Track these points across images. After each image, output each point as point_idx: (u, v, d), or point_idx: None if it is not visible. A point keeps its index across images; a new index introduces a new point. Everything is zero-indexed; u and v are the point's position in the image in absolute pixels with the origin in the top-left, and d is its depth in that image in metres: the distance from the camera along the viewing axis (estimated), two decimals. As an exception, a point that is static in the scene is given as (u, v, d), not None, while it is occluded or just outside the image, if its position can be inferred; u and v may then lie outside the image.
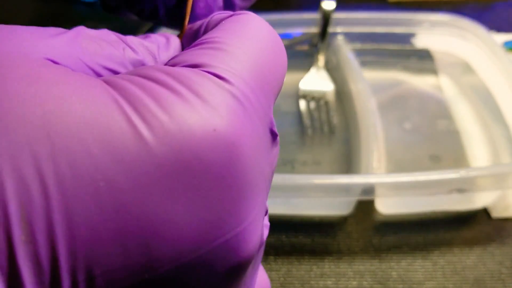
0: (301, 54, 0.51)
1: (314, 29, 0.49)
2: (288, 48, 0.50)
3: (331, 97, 0.46)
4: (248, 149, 0.14)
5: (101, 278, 0.12)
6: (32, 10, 0.58)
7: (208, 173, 0.13)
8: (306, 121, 0.44)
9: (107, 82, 0.13)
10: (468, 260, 0.36)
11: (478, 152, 0.42)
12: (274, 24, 0.48)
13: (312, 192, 0.33)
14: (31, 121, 0.11)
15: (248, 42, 0.15)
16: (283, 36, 0.49)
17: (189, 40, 0.19)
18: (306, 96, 0.46)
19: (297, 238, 0.38)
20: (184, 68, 0.14)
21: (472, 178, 0.33)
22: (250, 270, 0.16)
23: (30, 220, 0.11)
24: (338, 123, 0.45)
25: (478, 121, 0.45)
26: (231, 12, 0.17)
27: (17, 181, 0.11)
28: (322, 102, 0.46)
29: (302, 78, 0.48)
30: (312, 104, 0.46)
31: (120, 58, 0.15)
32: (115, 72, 0.15)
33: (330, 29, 0.48)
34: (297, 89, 0.47)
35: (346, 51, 0.48)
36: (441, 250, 0.37)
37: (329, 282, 0.35)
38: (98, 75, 0.15)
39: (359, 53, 0.50)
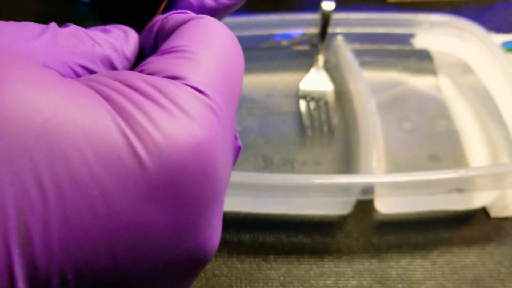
0: (301, 55, 0.51)
1: (314, 30, 0.49)
2: (288, 48, 0.51)
3: (330, 97, 0.46)
4: (221, 159, 0.15)
5: (89, 278, 0.13)
6: (32, 10, 0.58)
7: (191, 184, 0.14)
8: (306, 121, 0.44)
9: (93, 88, 0.14)
10: (467, 260, 0.37)
11: (477, 152, 0.43)
12: (274, 24, 0.48)
13: (312, 192, 0.34)
14: (31, 127, 0.12)
15: (215, 50, 0.16)
16: (283, 37, 0.50)
17: (146, 34, 0.19)
18: (306, 96, 0.47)
19: (297, 237, 0.38)
20: (165, 79, 0.15)
21: (471, 178, 0.33)
22: None
23: (28, 224, 0.11)
24: (338, 123, 0.45)
25: (477, 121, 0.45)
26: (189, 15, 0.18)
27: (16, 186, 0.11)
28: (322, 103, 0.46)
29: (302, 78, 0.48)
30: (312, 104, 0.46)
31: (91, 55, 0.16)
32: (89, 70, 0.16)
33: (330, 30, 0.48)
34: (297, 89, 0.48)
35: (345, 51, 0.49)
36: (440, 250, 0.37)
37: (329, 282, 0.35)
38: (76, 73, 0.15)
39: (358, 53, 0.50)
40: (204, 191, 0.14)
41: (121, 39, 0.18)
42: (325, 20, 0.47)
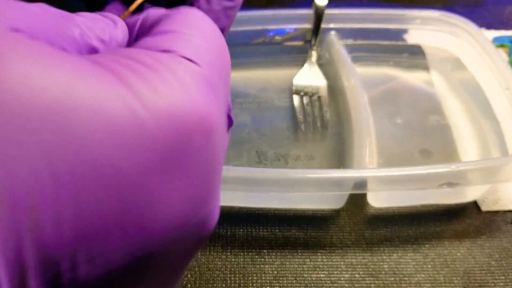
0: (294, 50, 0.51)
1: (307, 25, 0.49)
2: (281, 44, 0.51)
3: (324, 92, 0.47)
4: (219, 130, 0.15)
5: (100, 259, 0.12)
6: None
7: (195, 152, 0.14)
8: (300, 116, 0.44)
9: (95, 62, 0.13)
10: (458, 253, 0.37)
11: (469, 147, 0.43)
12: (267, 20, 0.49)
13: (305, 187, 0.34)
14: (39, 106, 0.11)
15: (202, 31, 0.17)
16: (277, 32, 0.50)
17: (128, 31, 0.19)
18: (299, 91, 0.47)
19: (291, 231, 0.38)
20: (161, 53, 0.15)
21: (462, 172, 0.34)
22: None
23: (39, 208, 0.11)
24: (331, 118, 0.45)
25: (468, 115, 0.46)
26: (169, 9, 0.18)
27: (27, 168, 0.11)
28: (315, 98, 0.46)
29: (295, 73, 0.48)
30: (305, 100, 0.46)
31: (78, 44, 0.16)
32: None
33: (323, 25, 0.49)
34: (291, 84, 0.48)
35: (339, 47, 0.49)
36: (431, 243, 0.37)
37: (322, 275, 0.35)
38: None
39: (351, 49, 0.50)
40: (209, 160, 0.14)
41: (110, 28, 0.17)
42: (318, 16, 0.47)
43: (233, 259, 0.36)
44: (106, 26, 0.17)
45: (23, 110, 0.11)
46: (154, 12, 0.18)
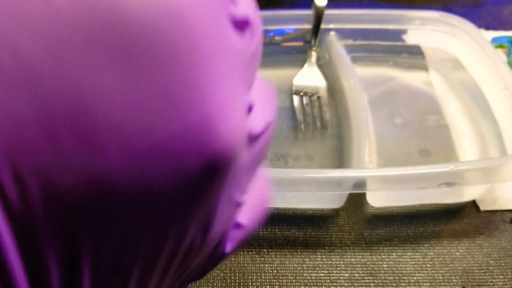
0: (294, 51, 0.52)
1: (307, 26, 0.49)
2: (281, 44, 0.51)
3: (323, 92, 0.47)
4: (200, 19, 0.11)
5: (33, 177, 0.10)
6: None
7: (144, 39, 0.10)
8: (299, 116, 0.45)
9: None
10: (457, 252, 0.37)
11: (467, 147, 0.43)
12: (267, 20, 0.49)
13: (305, 186, 0.34)
14: None
15: None
16: (276, 33, 0.50)
17: None
18: (299, 91, 0.47)
19: (290, 231, 0.38)
20: None
21: (461, 172, 0.34)
22: (236, 174, 0.13)
23: None
24: (331, 118, 0.45)
25: (467, 116, 0.46)
26: None
27: None
28: (314, 98, 0.46)
29: (295, 74, 0.49)
30: (305, 100, 0.46)
31: None
32: None
33: (323, 26, 0.49)
34: (290, 84, 0.48)
35: (338, 47, 0.49)
36: (430, 243, 0.38)
37: (321, 274, 0.36)
38: None
39: (351, 49, 0.50)
40: (173, 52, 0.10)
41: None
42: (318, 16, 0.48)
43: (232, 258, 0.36)
44: None
45: None
46: None
